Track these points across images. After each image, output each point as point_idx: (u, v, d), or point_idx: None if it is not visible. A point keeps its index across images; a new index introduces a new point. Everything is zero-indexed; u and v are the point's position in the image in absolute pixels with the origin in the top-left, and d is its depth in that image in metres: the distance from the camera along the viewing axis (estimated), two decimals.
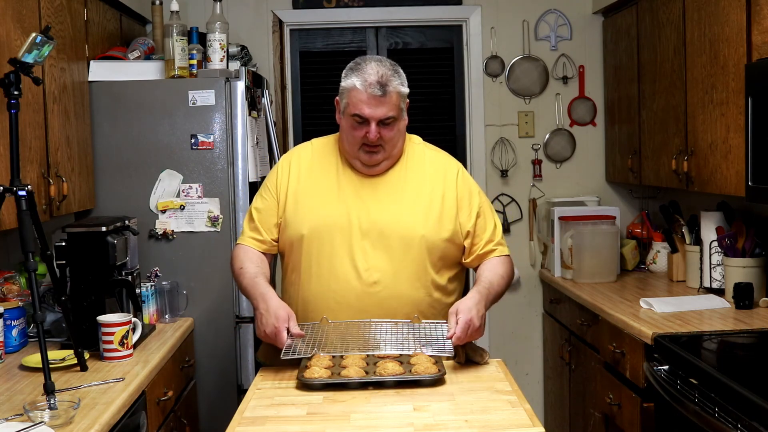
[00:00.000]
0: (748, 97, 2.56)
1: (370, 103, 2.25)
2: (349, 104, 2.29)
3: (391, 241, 2.31)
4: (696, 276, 3.37)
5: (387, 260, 2.31)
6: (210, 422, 3.19)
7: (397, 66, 2.35)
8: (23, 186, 2.23)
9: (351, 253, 2.31)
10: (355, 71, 2.30)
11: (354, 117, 2.28)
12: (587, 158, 4.31)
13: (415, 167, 2.41)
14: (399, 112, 2.31)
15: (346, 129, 2.33)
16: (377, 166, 2.36)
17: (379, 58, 2.35)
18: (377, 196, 2.36)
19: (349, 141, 2.33)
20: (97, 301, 2.69)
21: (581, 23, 4.26)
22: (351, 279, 2.30)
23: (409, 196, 2.36)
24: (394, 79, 2.28)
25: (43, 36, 2.26)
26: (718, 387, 2.19)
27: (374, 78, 2.25)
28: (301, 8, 4.20)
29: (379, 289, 2.30)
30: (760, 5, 2.62)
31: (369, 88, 2.25)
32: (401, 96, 2.31)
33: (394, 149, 2.36)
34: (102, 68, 3.18)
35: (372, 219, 2.32)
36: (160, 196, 3.17)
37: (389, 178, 2.38)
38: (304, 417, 1.89)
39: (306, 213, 2.36)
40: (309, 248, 2.34)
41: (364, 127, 2.28)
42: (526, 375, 4.32)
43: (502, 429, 1.80)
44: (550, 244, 4.02)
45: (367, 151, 2.32)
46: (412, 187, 2.38)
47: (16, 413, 2.02)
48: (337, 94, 2.36)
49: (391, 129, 2.30)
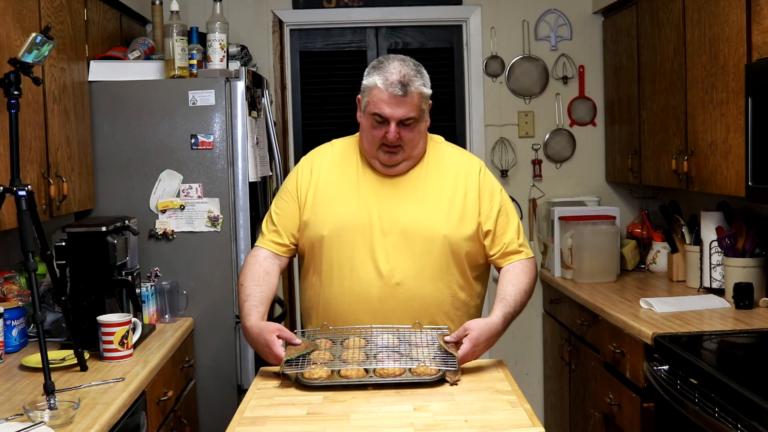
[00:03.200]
0: (748, 97, 2.56)
1: (391, 103, 2.22)
2: (370, 103, 2.26)
3: (413, 240, 2.28)
4: (696, 276, 3.37)
5: (409, 260, 2.28)
6: (210, 422, 3.18)
7: (421, 66, 2.31)
8: (23, 186, 2.23)
9: (373, 253, 2.28)
10: (377, 69, 2.26)
11: (374, 116, 2.25)
12: (587, 158, 4.31)
13: (436, 166, 2.37)
14: (420, 113, 2.27)
15: (366, 128, 2.30)
16: (396, 167, 2.32)
17: (403, 57, 2.30)
18: (398, 196, 2.32)
19: (369, 140, 2.30)
20: (97, 301, 2.69)
21: (581, 23, 4.27)
22: (373, 280, 2.27)
23: (430, 195, 2.33)
24: (416, 79, 2.24)
25: (43, 36, 2.26)
26: (718, 387, 2.19)
27: (396, 77, 2.22)
28: (301, 8, 4.20)
29: (402, 290, 2.27)
30: (760, 5, 2.62)
31: (390, 88, 2.21)
32: (423, 97, 2.27)
33: (414, 150, 2.32)
34: (102, 68, 3.17)
35: (393, 218, 2.29)
36: (160, 196, 3.17)
37: (410, 178, 2.35)
38: (304, 417, 1.89)
39: (326, 214, 2.32)
40: (330, 249, 2.31)
41: (383, 126, 2.25)
42: (526, 375, 4.32)
43: (502, 429, 1.79)
44: (550, 244, 4.02)
45: (387, 151, 2.28)
46: (433, 186, 2.34)
47: (16, 413, 2.02)
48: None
49: (412, 130, 2.26)
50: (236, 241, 3.18)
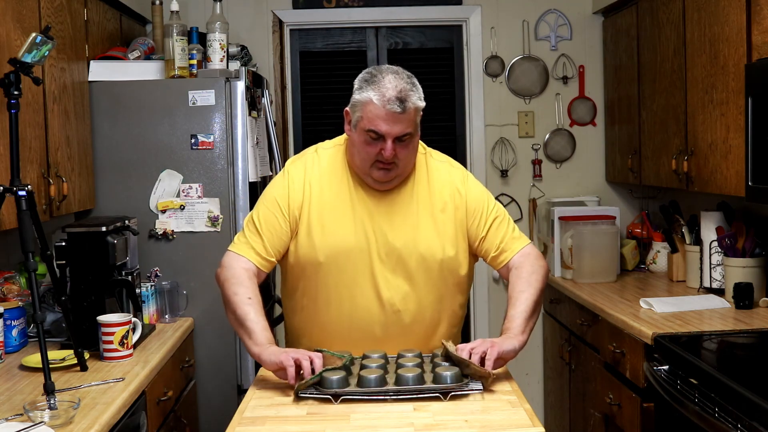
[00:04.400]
0: (748, 97, 2.56)
1: (388, 120, 2.11)
2: (364, 118, 2.14)
3: (410, 266, 2.22)
4: (696, 276, 3.37)
5: (408, 286, 2.23)
6: (210, 422, 3.19)
7: (413, 77, 2.20)
8: (23, 186, 2.23)
9: (373, 280, 2.21)
10: (371, 84, 2.14)
11: (369, 132, 2.13)
12: (587, 158, 4.31)
13: (424, 181, 2.28)
14: (415, 128, 2.17)
15: (358, 144, 2.18)
16: (389, 182, 2.24)
17: (396, 69, 2.19)
18: (392, 216, 2.24)
19: (362, 157, 2.18)
20: (97, 301, 2.69)
21: (581, 23, 4.26)
22: (374, 308, 2.22)
23: (423, 217, 2.25)
24: (412, 93, 2.14)
25: (43, 36, 2.26)
26: (718, 387, 2.19)
27: (393, 93, 2.10)
28: (301, 8, 4.20)
29: (403, 317, 2.23)
30: (760, 5, 2.62)
31: (388, 104, 2.10)
32: (418, 111, 2.17)
33: (408, 166, 2.24)
34: (102, 68, 3.18)
35: (390, 243, 2.22)
36: (160, 196, 3.17)
37: (401, 195, 2.26)
38: (304, 417, 1.89)
39: (321, 237, 2.22)
40: (326, 276, 2.22)
41: (378, 143, 2.14)
42: (526, 375, 4.32)
43: (502, 429, 1.79)
44: (550, 244, 4.02)
45: (381, 167, 2.17)
46: (424, 205, 2.26)
47: (16, 413, 2.02)
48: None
49: (407, 146, 2.17)
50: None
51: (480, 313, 4.31)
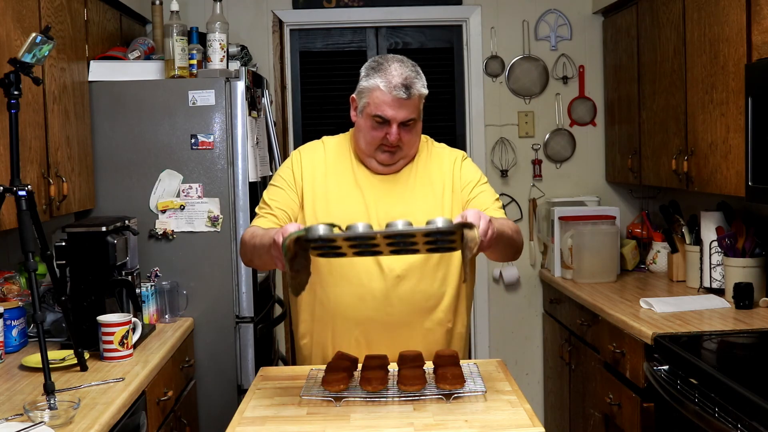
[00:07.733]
0: (748, 97, 2.56)
1: (394, 105, 2.23)
2: (370, 104, 2.26)
3: None
4: (696, 276, 3.37)
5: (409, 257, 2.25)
6: (210, 422, 3.19)
7: (417, 66, 2.31)
8: (23, 186, 2.23)
9: None
10: (377, 71, 2.26)
11: (375, 117, 2.25)
12: (587, 158, 4.31)
13: (424, 163, 2.39)
14: (419, 114, 2.30)
15: (364, 129, 2.30)
16: (394, 165, 2.34)
17: (401, 58, 2.30)
18: (394, 195, 2.33)
19: (368, 141, 2.30)
20: (97, 301, 2.69)
21: (581, 23, 4.26)
22: (374, 274, 2.27)
23: (424, 194, 2.34)
24: (417, 81, 2.25)
25: (43, 36, 2.26)
26: (718, 387, 2.19)
27: (398, 80, 2.22)
28: (301, 8, 4.20)
29: (404, 283, 2.27)
30: (760, 5, 2.62)
31: (394, 90, 2.21)
32: (422, 98, 2.29)
33: (412, 149, 2.35)
34: (102, 68, 3.18)
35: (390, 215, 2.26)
36: (160, 196, 3.17)
37: (403, 176, 2.36)
38: (304, 417, 1.89)
39: (325, 209, 2.32)
40: None
41: (384, 128, 2.25)
42: (526, 375, 4.32)
43: (502, 429, 1.80)
44: (550, 244, 4.02)
45: (386, 150, 2.29)
46: (425, 184, 2.35)
47: (16, 413, 2.02)
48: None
49: (411, 131, 2.28)
50: (236, 241, 3.18)
51: (480, 313, 4.30)
